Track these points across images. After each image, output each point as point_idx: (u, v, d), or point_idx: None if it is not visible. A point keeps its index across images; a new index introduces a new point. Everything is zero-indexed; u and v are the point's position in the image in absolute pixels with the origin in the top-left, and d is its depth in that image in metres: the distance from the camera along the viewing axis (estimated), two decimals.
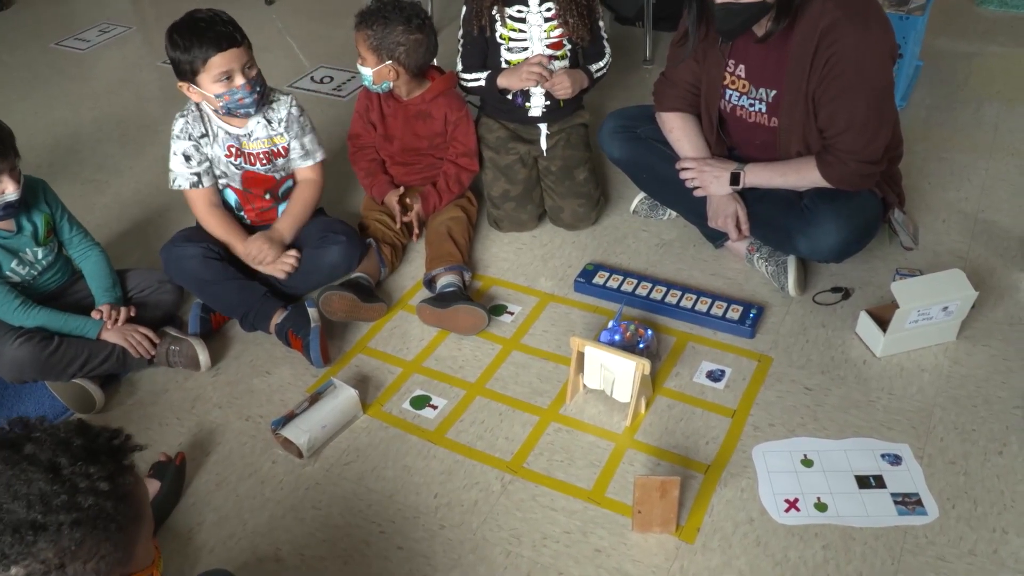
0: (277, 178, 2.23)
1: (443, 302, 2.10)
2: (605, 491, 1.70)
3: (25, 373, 1.90)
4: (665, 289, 2.16)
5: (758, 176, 2.08)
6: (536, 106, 2.39)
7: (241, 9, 2.51)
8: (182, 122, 2.11)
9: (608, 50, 2.41)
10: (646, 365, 1.74)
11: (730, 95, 2.07)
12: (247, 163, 2.16)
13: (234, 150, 2.14)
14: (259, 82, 2.06)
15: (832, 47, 1.84)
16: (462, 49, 2.39)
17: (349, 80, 3.43)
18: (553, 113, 2.41)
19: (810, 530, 1.59)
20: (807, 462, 1.72)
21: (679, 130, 2.18)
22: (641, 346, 1.93)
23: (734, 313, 2.06)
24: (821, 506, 1.63)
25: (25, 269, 1.98)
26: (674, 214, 2.43)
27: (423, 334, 2.13)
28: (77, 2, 4.44)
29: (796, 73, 1.91)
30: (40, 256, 2.00)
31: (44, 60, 3.83)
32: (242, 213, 2.25)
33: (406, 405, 1.94)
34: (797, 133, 1.99)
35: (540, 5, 2.27)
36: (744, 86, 2.04)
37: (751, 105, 2.05)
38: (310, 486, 1.76)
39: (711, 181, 2.12)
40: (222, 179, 2.19)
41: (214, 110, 2.08)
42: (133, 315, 2.03)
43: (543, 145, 2.44)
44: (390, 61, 2.22)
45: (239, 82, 2.00)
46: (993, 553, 1.53)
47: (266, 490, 1.76)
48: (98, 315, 1.98)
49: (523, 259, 2.37)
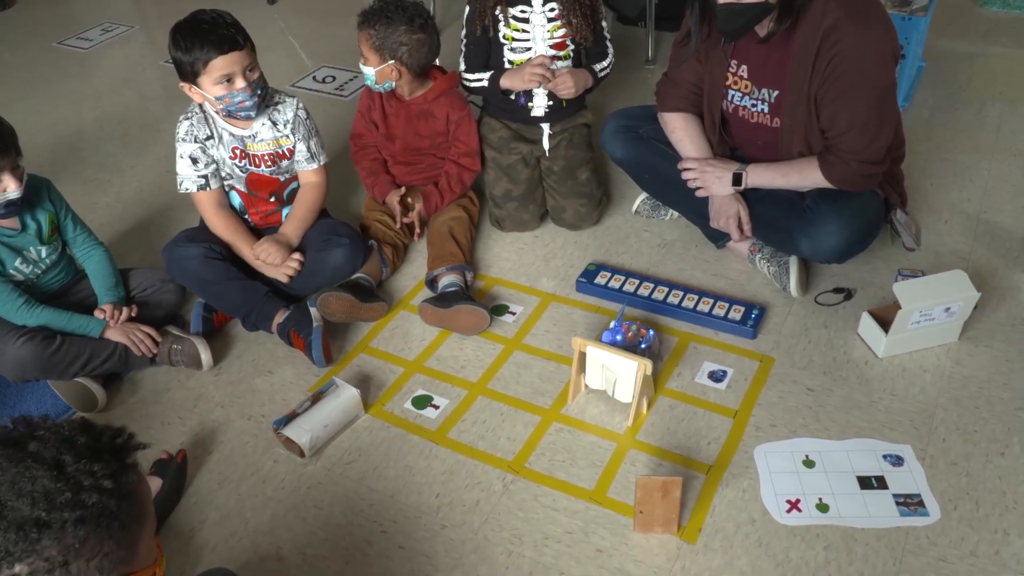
0: (281, 180, 2.22)
1: (445, 302, 2.11)
2: (607, 491, 1.70)
3: (28, 372, 1.90)
4: (667, 289, 2.16)
5: (760, 176, 2.08)
6: (539, 106, 2.39)
7: (243, 8, 2.51)
8: (187, 124, 2.11)
9: (611, 50, 2.41)
10: (648, 365, 1.74)
11: (732, 95, 2.07)
12: (251, 165, 2.16)
13: (238, 152, 2.14)
14: (260, 85, 2.04)
15: (834, 47, 1.84)
16: (465, 49, 2.39)
17: (351, 80, 3.43)
18: (555, 113, 2.41)
19: (812, 531, 1.59)
20: (809, 463, 1.72)
21: (681, 130, 2.18)
22: (643, 346, 1.93)
23: (736, 314, 2.06)
24: (823, 507, 1.63)
25: (29, 268, 1.98)
26: (676, 214, 2.43)
27: (425, 334, 2.13)
28: (79, 1, 4.44)
29: (798, 73, 1.91)
30: (44, 255, 2.00)
31: (46, 59, 3.83)
32: (246, 216, 2.25)
33: (408, 405, 1.94)
34: (799, 133, 1.99)
35: (543, 5, 2.27)
36: (746, 86, 2.03)
37: (753, 105, 2.05)
38: (312, 485, 1.77)
39: (713, 181, 2.12)
40: (227, 181, 2.19)
41: (216, 111, 2.08)
42: (135, 315, 2.03)
43: (545, 145, 2.44)
44: (393, 61, 2.22)
45: (240, 85, 1.99)
46: (995, 554, 1.53)
47: (268, 489, 1.76)
48: (101, 314, 1.98)
49: (525, 259, 2.37)
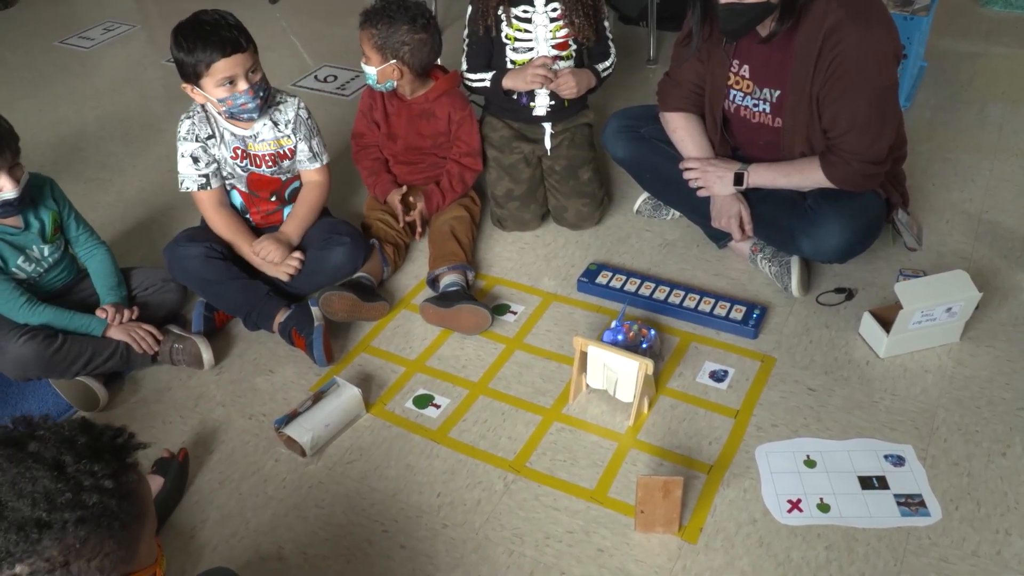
0: (283, 180, 2.22)
1: (446, 301, 2.11)
2: (608, 491, 1.70)
3: (29, 371, 1.90)
4: (668, 289, 2.16)
5: (762, 176, 2.08)
6: (540, 105, 2.39)
7: (245, 8, 2.51)
8: (188, 124, 2.10)
9: (613, 50, 2.40)
10: (649, 365, 1.74)
11: (734, 95, 2.07)
12: (252, 165, 2.16)
13: (240, 152, 2.14)
14: (263, 87, 2.04)
15: (836, 47, 1.83)
16: (467, 49, 2.39)
17: (353, 79, 3.43)
18: (557, 112, 2.41)
19: (813, 531, 1.59)
20: (810, 463, 1.72)
21: (683, 130, 2.18)
22: (644, 346, 1.93)
23: (737, 313, 2.06)
24: (824, 507, 1.63)
25: (31, 266, 1.98)
26: (677, 214, 2.43)
27: (426, 333, 2.13)
28: (81, 1, 4.44)
29: (800, 73, 1.91)
30: (46, 253, 2.01)
31: (48, 58, 3.83)
32: (248, 216, 2.25)
33: (409, 404, 1.94)
34: (801, 133, 1.99)
35: (546, 5, 2.26)
36: (748, 86, 2.03)
37: (755, 105, 2.04)
38: (313, 485, 1.77)
39: (715, 181, 2.12)
40: (228, 180, 2.19)
41: (218, 112, 2.08)
42: (135, 316, 2.03)
43: (547, 144, 2.44)
44: (394, 60, 2.22)
45: (242, 87, 1.98)
46: (996, 554, 1.52)
47: (269, 488, 1.76)
48: (103, 314, 1.98)
49: (526, 259, 2.37)
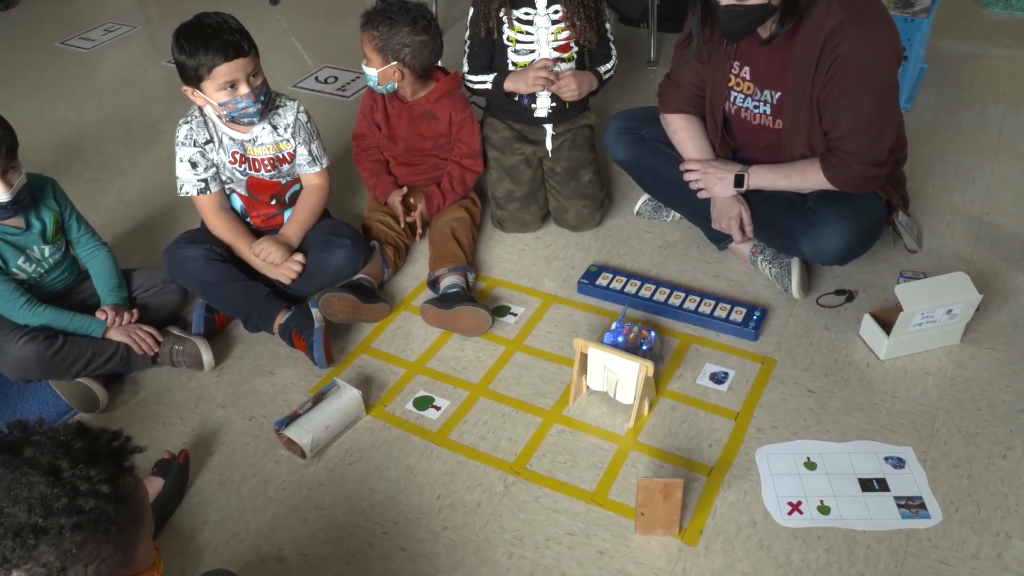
0: (283, 183, 2.22)
1: (446, 303, 2.10)
2: (608, 493, 1.70)
3: (29, 372, 1.90)
4: (668, 291, 2.16)
5: (762, 178, 2.08)
6: (542, 107, 2.39)
7: (245, 8, 2.52)
8: (186, 128, 2.10)
9: (615, 52, 2.40)
10: (649, 367, 1.74)
11: (735, 97, 2.07)
12: (251, 169, 2.16)
13: (238, 156, 2.13)
14: (264, 91, 2.04)
15: (837, 49, 1.83)
16: (468, 51, 2.39)
17: (353, 80, 3.43)
18: (559, 114, 2.41)
19: (813, 533, 1.59)
20: (810, 465, 1.72)
21: (683, 132, 2.18)
22: (644, 348, 1.93)
23: (737, 315, 2.06)
24: (824, 509, 1.63)
25: (32, 267, 1.98)
26: (678, 216, 2.43)
27: (426, 335, 2.13)
28: (82, 1, 4.44)
29: (801, 75, 1.91)
30: (47, 254, 2.01)
31: (48, 59, 3.83)
32: (248, 219, 2.25)
33: (409, 406, 1.94)
34: (801, 135, 1.99)
35: (547, 7, 2.26)
36: (749, 88, 2.03)
37: (755, 107, 2.04)
38: (313, 486, 1.77)
39: (715, 183, 2.12)
40: (228, 185, 2.19)
41: (218, 116, 2.08)
42: (135, 318, 2.03)
43: (548, 146, 2.44)
44: (395, 62, 2.22)
45: (243, 91, 1.98)
46: (997, 557, 1.52)
47: (269, 490, 1.76)
48: (103, 316, 1.98)
49: (526, 260, 2.37)
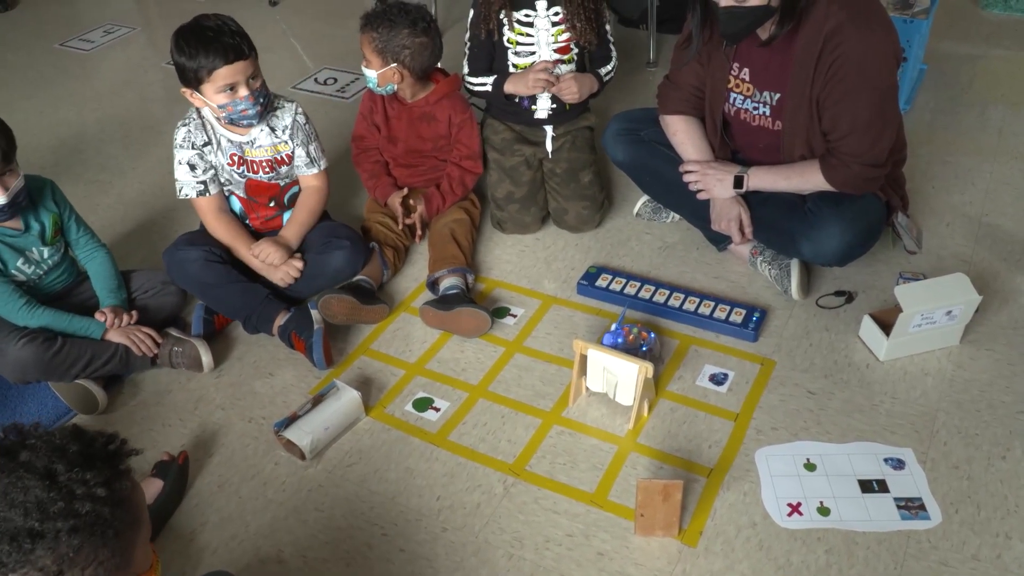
0: (281, 185, 2.22)
1: (446, 304, 2.10)
2: (608, 494, 1.70)
3: (28, 373, 1.90)
4: (668, 292, 2.15)
5: (762, 179, 2.08)
6: (542, 108, 2.39)
7: (244, 10, 2.52)
8: (184, 131, 2.10)
9: (615, 53, 2.41)
10: (649, 368, 1.74)
11: (734, 98, 2.07)
12: (250, 171, 2.16)
13: (236, 158, 2.13)
14: (263, 93, 2.04)
15: (836, 50, 1.83)
16: (469, 52, 2.39)
17: (353, 82, 3.43)
18: (559, 115, 2.41)
19: (813, 534, 1.59)
20: (810, 466, 1.72)
21: (683, 133, 2.18)
22: (644, 349, 1.93)
23: (737, 316, 2.06)
24: (824, 510, 1.63)
25: (31, 268, 1.98)
26: (677, 217, 2.43)
27: (426, 336, 2.13)
28: (82, 3, 4.44)
29: (800, 76, 1.91)
30: (46, 256, 2.00)
31: (48, 60, 3.83)
32: (247, 221, 2.25)
33: (409, 407, 1.94)
34: (801, 136, 1.99)
35: (547, 9, 2.27)
36: (748, 89, 2.03)
37: (755, 108, 2.04)
38: (312, 488, 1.76)
39: (714, 184, 2.12)
40: (226, 186, 2.19)
41: (216, 118, 2.08)
42: (135, 320, 2.03)
43: (548, 147, 2.44)
44: (395, 64, 2.22)
45: (243, 94, 1.98)
46: (996, 558, 1.52)
47: (268, 492, 1.76)
48: (102, 317, 1.98)
49: (526, 261, 2.37)
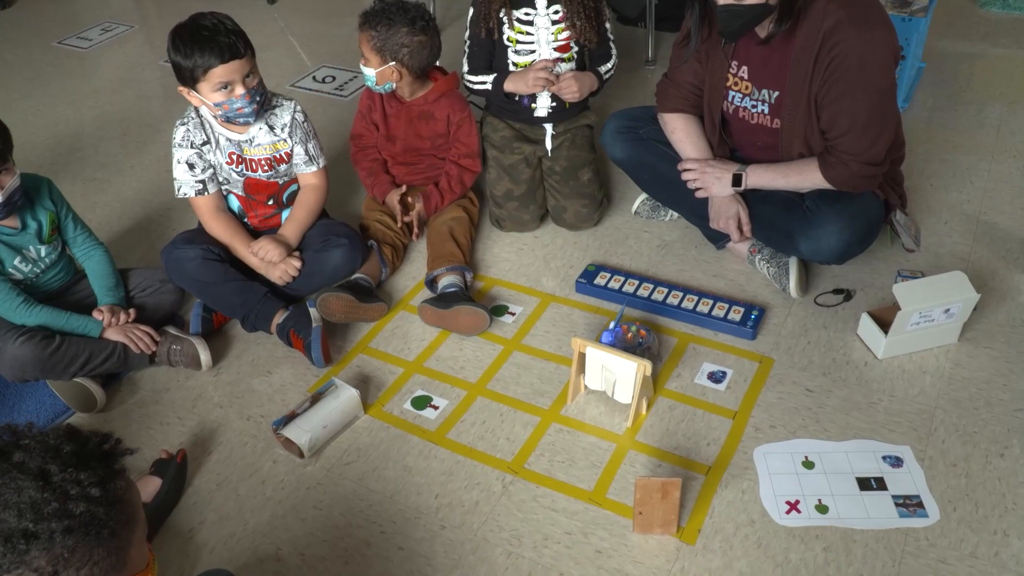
0: (280, 184, 2.22)
1: (444, 302, 2.10)
2: (606, 492, 1.70)
3: (27, 372, 1.90)
4: (666, 290, 2.16)
5: (760, 177, 2.08)
6: (542, 106, 2.39)
7: (243, 8, 2.52)
8: (183, 130, 2.10)
9: (615, 52, 2.41)
10: (647, 366, 1.74)
11: (733, 96, 2.07)
12: (248, 170, 2.15)
13: (235, 157, 2.13)
14: (259, 91, 2.03)
15: (835, 49, 1.84)
16: (468, 51, 2.39)
17: (351, 80, 3.42)
18: (559, 114, 2.41)
19: (811, 532, 1.59)
20: (808, 464, 1.72)
21: (681, 131, 2.18)
22: (642, 347, 1.93)
23: (735, 314, 2.06)
24: (822, 508, 1.63)
25: (28, 267, 1.98)
26: (675, 215, 2.43)
27: (424, 334, 2.13)
28: (79, 1, 4.44)
29: (799, 75, 1.91)
30: (43, 254, 2.00)
31: (46, 58, 3.83)
32: (245, 220, 2.25)
33: (407, 405, 1.94)
34: (799, 134, 1.99)
35: (548, 8, 2.27)
36: (747, 87, 2.03)
37: (753, 106, 2.04)
38: (311, 486, 1.76)
39: (713, 182, 2.12)
40: (225, 185, 2.19)
41: (214, 116, 2.07)
42: (132, 318, 2.02)
43: (548, 145, 2.44)
44: (394, 62, 2.21)
45: (239, 92, 1.98)
46: (994, 556, 1.53)
47: (267, 490, 1.76)
48: (99, 315, 1.98)
49: (525, 260, 2.37)
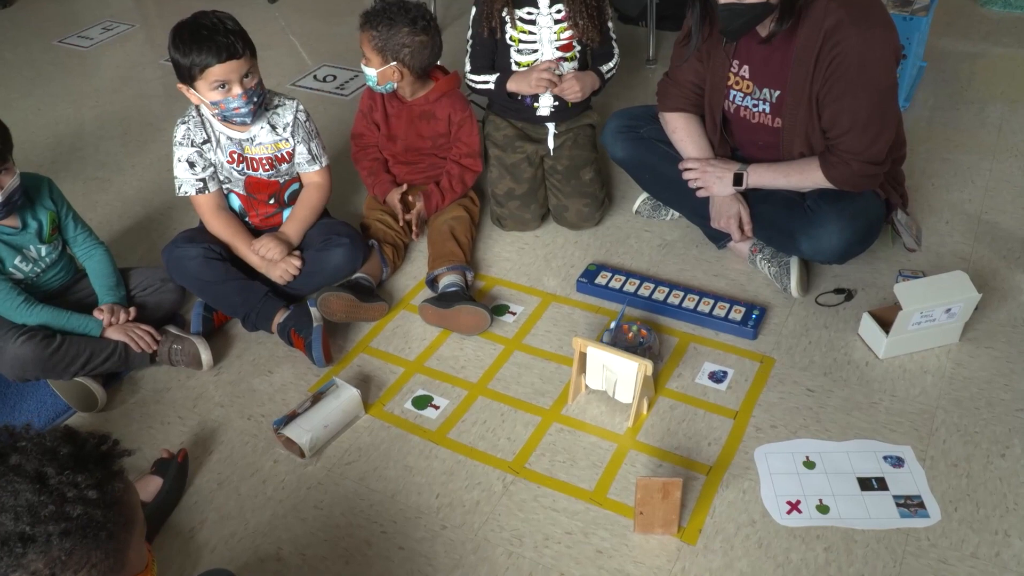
0: (281, 183, 2.22)
1: (445, 302, 2.10)
2: (607, 492, 1.70)
3: (27, 371, 1.90)
4: (667, 290, 2.15)
5: (761, 177, 2.08)
6: (544, 106, 2.39)
7: (243, 6, 2.51)
8: (183, 129, 2.10)
9: (617, 51, 2.41)
10: (648, 366, 1.74)
11: (734, 95, 2.07)
12: (249, 168, 2.15)
13: (236, 156, 2.13)
14: (257, 92, 2.03)
15: (836, 48, 1.83)
16: (471, 50, 2.38)
17: (352, 79, 3.42)
18: (561, 113, 2.41)
19: (812, 532, 1.59)
20: (809, 464, 1.72)
21: (682, 130, 2.18)
22: (643, 346, 1.93)
23: (736, 314, 2.06)
24: (823, 508, 1.63)
25: (28, 266, 1.98)
26: (676, 215, 2.42)
27: (425, 334, 2.13)
28: (80, 0, 4.44)
29: (800, 74, 1.91)
30: (44, 253, 2.00)
31: (47, 57, 3.83)
32: (246, 219, 2.25)
33: (408, 405, 1.94)
34: (800, 134, 1.99)
35: (550, 7, 2.26)
36: (748, 86, 2.03)
37: (755, 106, 2.04)
38: (312, 486, 1.76)
39: (714, 182, 2.12)
40: (225, 184, 2.19)
41: (212, 114, 2.07)
42: (133, 317, 2.02)
43: (550, 144, 2.44)
44: (395, 62, 2.21)
45: (236, 92, 1.97)
46: (995, 556, 1.52)
47: (268, 489, 1.76)
48: (100, 314, 1.98)
49: (525, 259, 2.37)
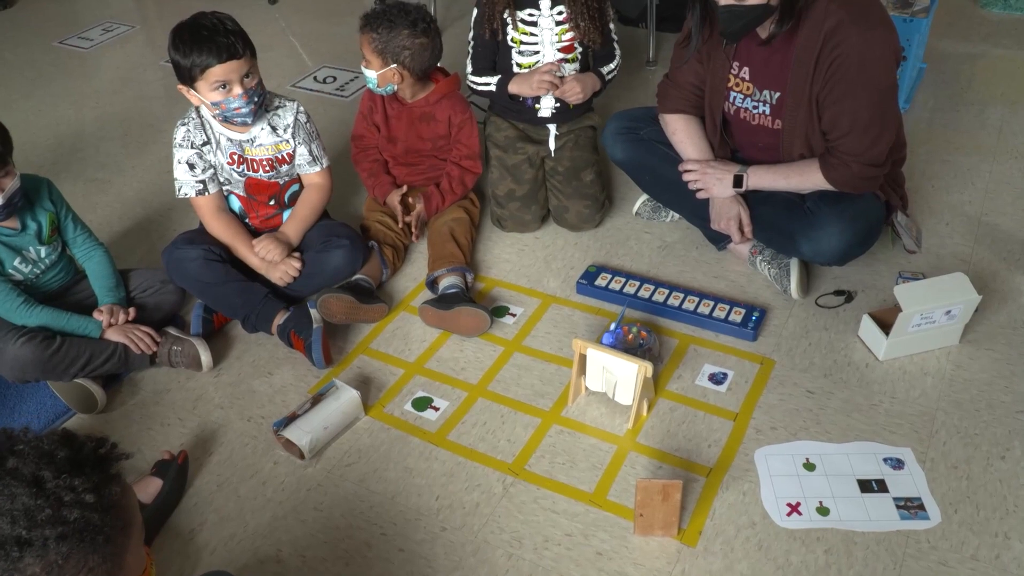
0: (281, 184, 2.22)
1: (445, 303, 2.10)
2: (607, 494, 1.70)
3: (27, 373, 1.90)
4: (667, 291, 2.15)
5: (761, 178, 2.08)
6: (546, 107, 2.39)
7: (244, 8, 2.51)
8: (183, 130, 2.10)
9: (618, 52, 2.41)
10: (648, 368, 1.74)
11: (734, 97, 2.07)
12: (250, 170, 2.15)
13: (236, 157, 2.13)
14: (258, 92, 2.03)
15: (836, 49, 1.83)
16: (472, 52, 2.39)
17: (352, 80, 3.42)
18: (562, 114, 2.41)
19: (812, 534, 1.59)
20: (809, 466, 1.72)
21: (682, 132, 2.18)
22: (643, 348, 1.93)
23: (736, 316, 2.06)
24: (823, 510, 1.63)
25: (28, 267, 1.98)
26: (676, 216, 2.42)
27: (425, 335, 2.13)
28: (80, 1, 4.44)
29: (800, 75, 1.91)
30: (43, 255, 2.00)
31: (47, 59, 3.83)
32: (247, 220, 2.24)
33: (408, 406, 1.93)
34: (800, 135, 1.99)
35: (551, 8, 2.27)
36: (748, 88, 2.03)
37: (755, 107, 2.04)
38: (311, 487, 1.76)
39: (714, 183, 2.12)
40: (225, 186, 2.19)
41: (212, 115, 2.07)
42: (132, 318, 2.02)
43: (551, 146, 2.44)
44: (395, 64, 2.21)
45: (236, 92, 1.97)
46: (995, 558, 1.52)
47: (267, 491, 1.76)
48: (100, 315, 1.98)
49: (525, 261, 2.37)
